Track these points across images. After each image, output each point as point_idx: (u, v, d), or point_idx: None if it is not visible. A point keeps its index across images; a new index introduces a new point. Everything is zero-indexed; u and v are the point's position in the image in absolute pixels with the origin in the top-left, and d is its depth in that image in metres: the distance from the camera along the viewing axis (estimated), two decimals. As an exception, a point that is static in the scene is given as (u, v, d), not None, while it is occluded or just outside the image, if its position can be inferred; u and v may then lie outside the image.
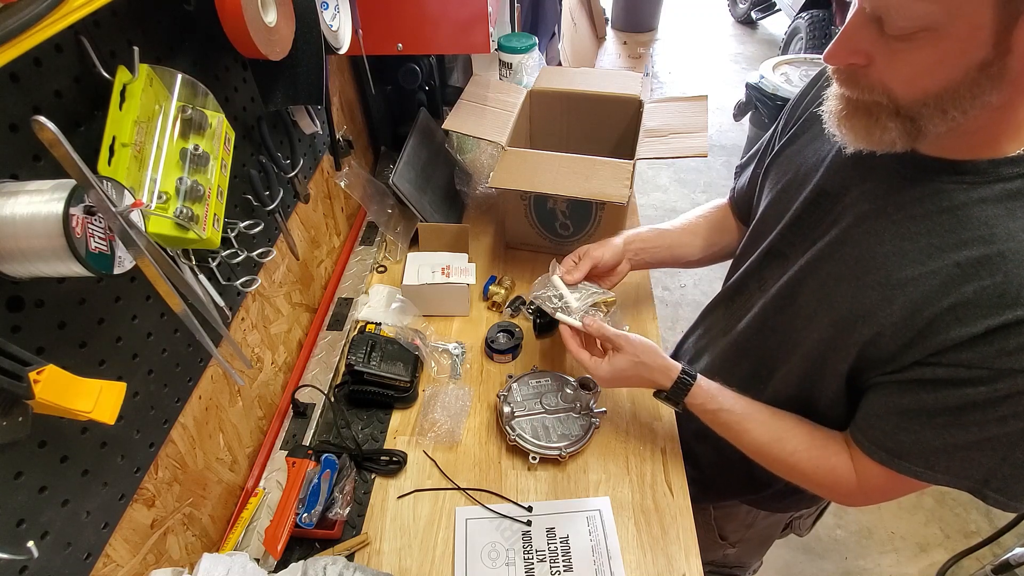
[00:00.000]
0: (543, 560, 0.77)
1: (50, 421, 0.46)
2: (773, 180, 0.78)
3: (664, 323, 2.45)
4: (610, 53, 4.46)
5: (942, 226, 0.57)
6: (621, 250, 0.94)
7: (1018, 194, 0.53)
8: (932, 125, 0.53)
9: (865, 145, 0.58)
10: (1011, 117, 0.52)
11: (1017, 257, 0.52)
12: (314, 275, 1.11)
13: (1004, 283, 0.52)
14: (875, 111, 0.55)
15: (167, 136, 0.55)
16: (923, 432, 0.60)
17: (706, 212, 1.00)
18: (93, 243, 0.42)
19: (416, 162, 1.24)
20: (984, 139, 0.55)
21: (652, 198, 3.12)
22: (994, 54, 0.46)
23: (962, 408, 0.56)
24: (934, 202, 0.58)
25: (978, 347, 0.54)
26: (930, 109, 0.52)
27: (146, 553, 0.66)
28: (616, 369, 0.79)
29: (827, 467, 0.69)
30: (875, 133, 0.56)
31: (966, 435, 0.57)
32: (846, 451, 0.69)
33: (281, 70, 0.75)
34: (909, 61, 0.50)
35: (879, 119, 0.55)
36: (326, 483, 0.80)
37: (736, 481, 0.92)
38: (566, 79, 1.36)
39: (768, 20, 4.96)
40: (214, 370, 0.77)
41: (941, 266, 0.56)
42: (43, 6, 0.38)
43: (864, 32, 0.51)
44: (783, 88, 2.38)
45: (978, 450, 0.57)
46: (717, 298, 0.92)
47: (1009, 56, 0.46)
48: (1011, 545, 1.38)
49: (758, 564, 1.26)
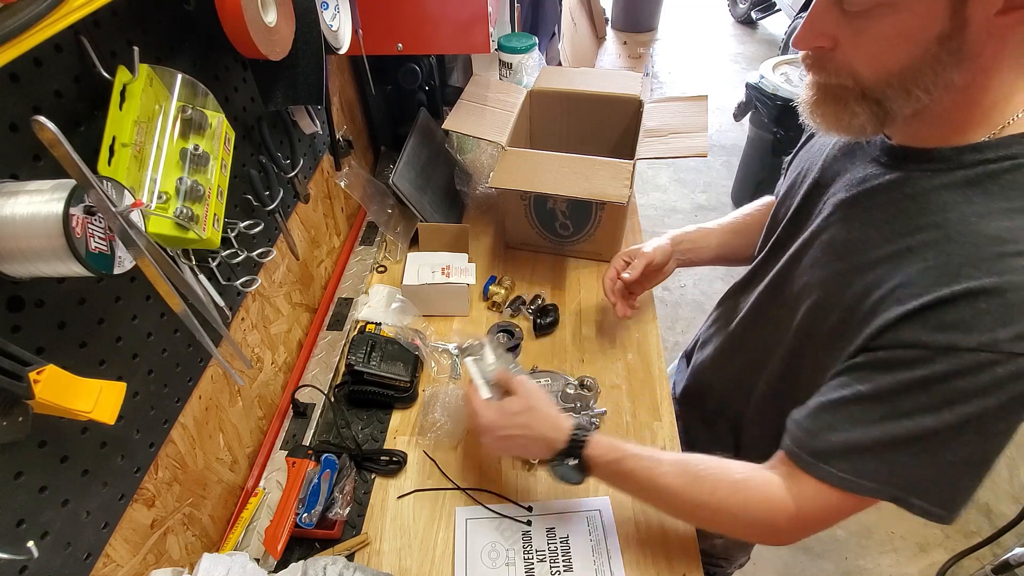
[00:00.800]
0: (543, 560, 0.77)
1: (50, 421, 0.46)
2: (789, 176, 0.80)
3: (664, 323, 2.45)
4: (610, 53, 4.46)
5: (904, 212, 0.57)
6: (671, 251, 0.96)
7: (976, 180, 0.53)
8: (898, 106, 0.53)
9: (836, 131, 0.58)
10: (977, 100, 0.52)
11: (963, 239, 0.52)
12: (314, 275, 1.11)
13: (946, 262, 0.52)
14: (843, 95, 0.55)
15: (167, 136, 0.55)
16: (853, 430, 0.56)
17: (751, 211, 1.00)
18: (93, 243, 0.42)
19: (416, 162, 1.24)
20: (952, 126, 0.55)
21: (652, 198, 3.12)
22: (951, 27, 0.47)
23: (896, 393, 0.53)
24: (900, 189, 0.58)
25: (915, 324, 0.52)
26: (894, 89, 0.52)
27: (146, 553, 0.66)
28: (504, 412, 0.73)
29: (757, 499, 0.62)
30: (844, 118, 0.56)
31: (896, 428, 0.53)
32: (776, 479, 0.62)
33: (281, 70, 0.75)
34: (870, 38, 0.51)
35: (847, 103, 0.55)
36: (326, 483, 0.80)
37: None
38: (566, 79, 1.36)
39: (768, 20, 4.95)
40: (214, 370, 0.77)
41: (896, 250, 0.56)
42: (43, 6, 0.38)
43: (828, 15, 0.52)
44: (783, 88, 2.38)
45: (906, 449, 0.53)
46: (728, 291, 0.93)
47: (966, 29, 0.47)
48: (1011, 545, 1.38)
49: (744, 559, 1.25)
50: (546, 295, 1.15)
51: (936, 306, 0.51)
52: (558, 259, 1.24)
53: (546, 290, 1.16)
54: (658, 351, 1.05)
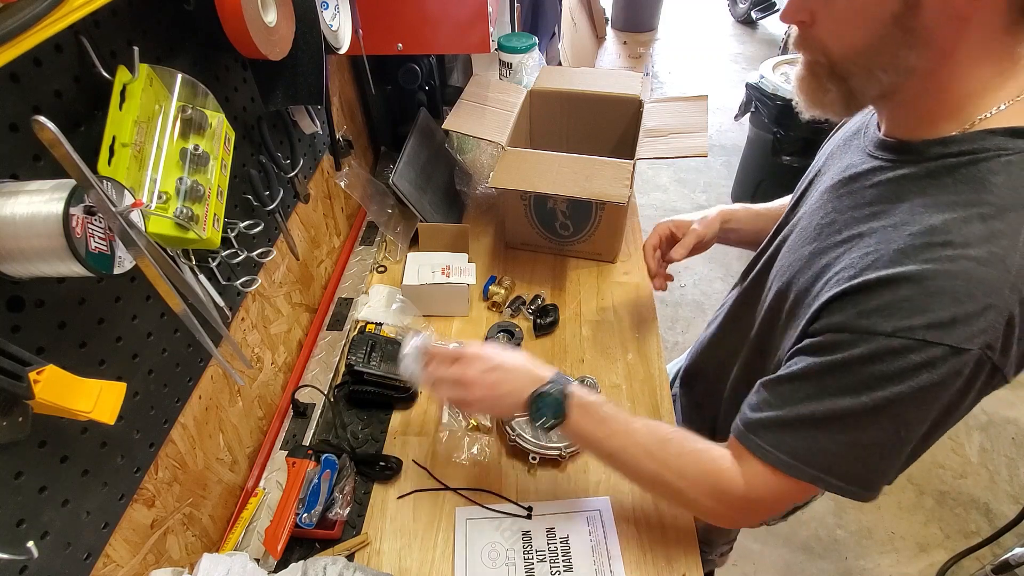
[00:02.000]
0: (543, 560, 0.77)
1: (50, 421, 0.46)
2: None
3: (664, 323, 2.45)
4: (610, 53, 4.46)
5: (864, 200, 0.58)
6: (719, 229, 0.96)
7: (936, 173, 0.54)
8: (860, 86, 0.55)
9: (813, 108, 0.59)
10: (945, 89, 0.53)
11: (904, 227, 0.52)
12: (314, 275, 1.11)
13: (884, 249, 0.52)
14: (818, 72, 0.57)
15: (167, 136, 0.55)
16: (782, 407, 0.58)
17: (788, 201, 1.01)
18: (93, 243, 0.42)
19: (416, 162, 1.24)
20: (922, 117, 0.55)
21: (652, 198, 3.12)
22: (903, 7, 0.48)
23: (820, 375, 0.55)
24: (868, 178, 0.60)
25: (846, 307, 0.53)
26: (858, 67, 0.54)
27: (146, 553, 0.66)
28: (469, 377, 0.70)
29: (714, 470, 0.63)
30: (818, 95, 0.58)
31: (817, 408, 0.55)
32: (728, 454, 0.64)
33: (281, 70, 0.75)
34: (837, 12, 0.52)
35: (821, 80, 0.57)
36: (326, 483, 0.80)
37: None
38: (566, 79, 1.36)
39: (768, 20, 4.95)
40: (214, 370, 0.77)
41: (850, 235, 0.57)
42: (43, 6, 0.38)
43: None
44: (783, 88, 2.38)
45: (825, 428, 0.55)
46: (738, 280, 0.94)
47: (919, 10, 0.48)
48: (1011, 545, 1.38)
49: (727, 547, 1.23)
50: (546, 295, 1.15)
51: (863, 290, 0.52)
52: (558, 259, 1.24)
53: (546, 290, 1.16)
54: (658, 351, 1.05)
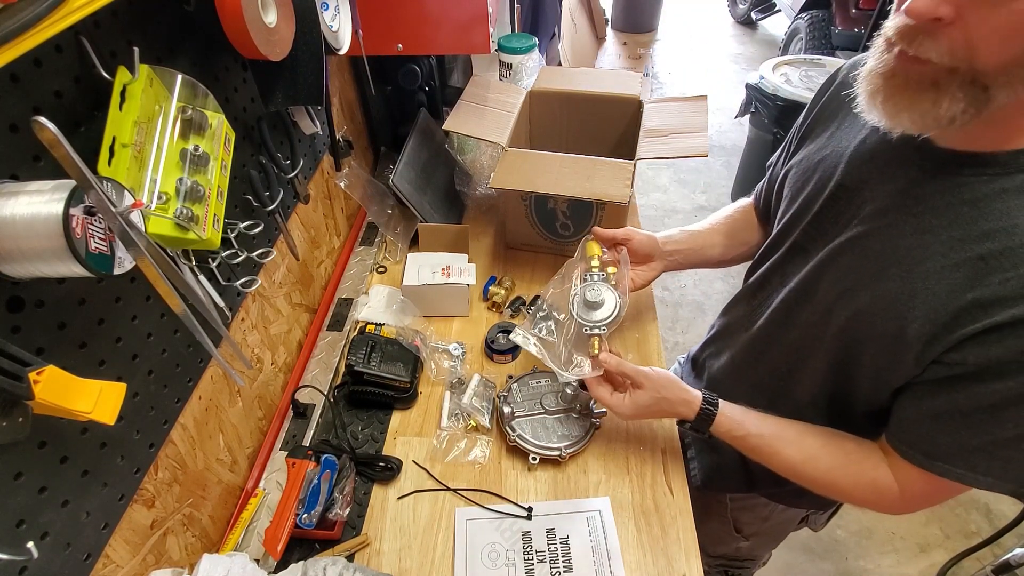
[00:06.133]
0: (543, 561, 0.77)
1: (50, 422, 0.46)
2: (794, 179, 0.79)
3: (664, 323, 2.45)
4: (610, 53, 4.46)
5: (963, 218, 0.56)
6: (658, 247, 0.96)
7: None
8: (1002, 97, 0.49)
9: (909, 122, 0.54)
10: None
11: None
12: (314, 275, 1.11)
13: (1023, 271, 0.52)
14: (943, 80, 0.49)
15: (167, 137, 0.55)
16: (960, 433, 0.59)
17: (732, 212, 1.00)
18: (93, 243, 0.42)
19: (416, 162, 1.24)
20: (1007, 132, 0.54)
21: (652, 198, 3.12)
22: None
23: (996, 405, 0.56)
24: (955, 194, 0.57)
25: (1007, 339, 0.53)
26: (1009, 77, 0.47)
27: (146, 554, 0.66)
28: (638, 405, 0.79)
29: (866, 480, 0.68)
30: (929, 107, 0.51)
31: (1003, 432, 0.56)
32: (884, 461, 0.68)
33: (281, 70, 0.75)
34: (1008, 15, 0.44)
35: (947, 89, 0.49)
36: (326, 484, 0.79)
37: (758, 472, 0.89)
38: (566, 79, 1.36)
39: (768, 20, 4.96)
40: (214, 370, 0.76)
41: (964, 259, 0.56)
42: (43, 6, 0.38)
43: None
44: (783, 88, 2.38)
45: (1017, 448, 0.56)
46: (738, 295, 0.92)
47: None
48: (1011, 546, 1.38)
49: (767, 556, 1.25)
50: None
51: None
52: (558, 259, 1.23)
53: (546, 290, 1.16)
54: (658, 351, 1.05)
